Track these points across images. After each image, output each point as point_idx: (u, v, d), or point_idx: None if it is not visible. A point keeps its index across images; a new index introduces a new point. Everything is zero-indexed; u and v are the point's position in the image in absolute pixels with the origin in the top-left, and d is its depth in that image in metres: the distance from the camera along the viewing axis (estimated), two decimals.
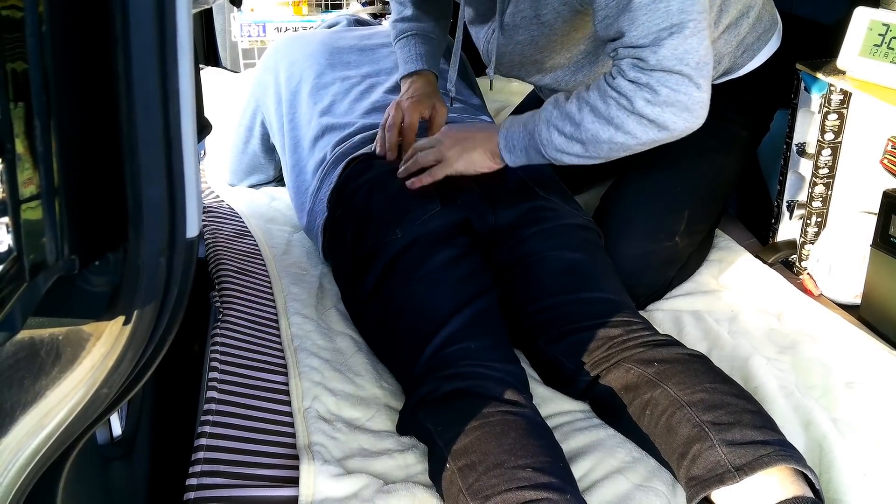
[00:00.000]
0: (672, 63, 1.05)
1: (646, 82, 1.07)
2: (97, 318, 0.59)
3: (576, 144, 1.15)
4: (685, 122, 1.09)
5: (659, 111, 1.08)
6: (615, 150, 1.14)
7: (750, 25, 1.39)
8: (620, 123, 1.10)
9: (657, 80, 1.07)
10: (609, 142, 1.12)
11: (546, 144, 1.17)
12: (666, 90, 1.07)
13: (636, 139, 1.11)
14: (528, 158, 1.21)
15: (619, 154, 1.16)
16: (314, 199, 1.40)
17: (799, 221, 1.51)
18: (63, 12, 0.51)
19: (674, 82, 1.06)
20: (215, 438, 0.99)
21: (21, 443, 0.57)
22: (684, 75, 1.06)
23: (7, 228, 0.49)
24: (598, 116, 1.12)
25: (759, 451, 0.90)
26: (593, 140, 1.13)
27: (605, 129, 1.12)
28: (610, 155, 1.16)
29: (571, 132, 1.14)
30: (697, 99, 1.07)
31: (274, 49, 1.73)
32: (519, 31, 1.32)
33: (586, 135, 1.13)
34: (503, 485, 0.86)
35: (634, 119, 1.09)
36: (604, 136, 1.12)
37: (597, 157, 1.16)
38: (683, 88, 1.06)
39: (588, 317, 1.14)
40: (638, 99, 1.08)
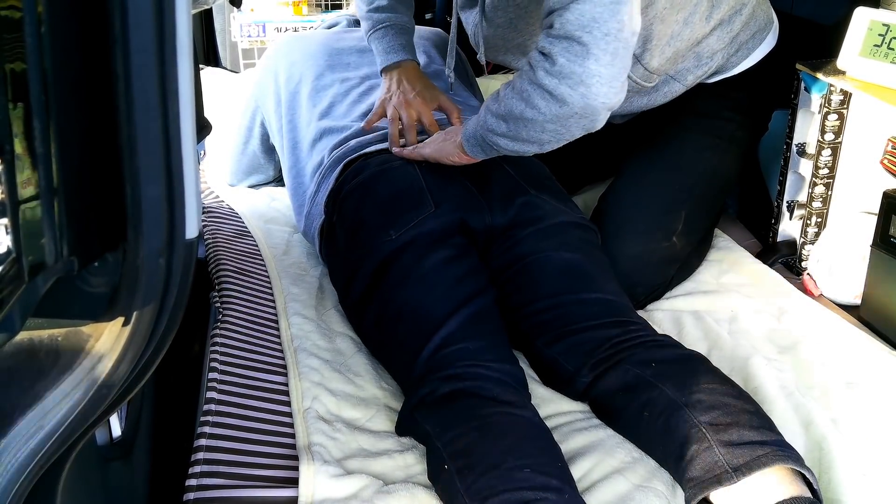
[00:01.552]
0: (573, 29, 1.01)
1: (548, 51, 1.04)
2: (96, 319, 0.59)
3: (501, 122, 1.13)
4: (582, 97, 1.03)
5: (556, 83, 1.04)
6: (531, 129, 1.10)
7: (743, 23, 1.39)
8: (528, 97, 1.08)
9: (559, 49, 1.03)
10: (521, 118, 1.10)
11: (484, 126, 1.17)
12: (562, 60, 1.03)
13: (542, 114, 1.07)
14: (481, 147, 1.21)
15: (542, 137, 1.11)
16: (311, 203, 1.40)
17: (799, 222, 1.51)
18: (62, 13, 0.51)
19: (572, 52, 1.02)
20: (215, 439, 0.99)
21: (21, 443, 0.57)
22: (583, 44, 1.01)
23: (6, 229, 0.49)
24: (514, 90, 1.11)
25: (757, 451, 0.90)
26: (510, 116, 1.11)
27: (517, 103, 1.10)
28: (531, 136, 1.12)
29: (496, 109, 1.14)
30: (594, 72, 1.01)
31: (274, 50, 1.73)
32: (498, 14, 1.34)
33: (505, 110, 1.12)
34: (501, 485, 0.86)
35: (538, 92, 1.06)
36: (516, 110, 1.10)
37: (524, 140, 1.13)
38: (579, 59, 1.01)
39: (586, 317, 1.14)
40: (539, 69, 1.06)
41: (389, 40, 1.49)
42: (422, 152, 1.29)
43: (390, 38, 1.49)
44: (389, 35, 1.49)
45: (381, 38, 1.49)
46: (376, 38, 1.50)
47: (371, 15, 1.51)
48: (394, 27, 1.49)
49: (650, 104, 1.46)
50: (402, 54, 1.48)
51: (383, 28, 1.49)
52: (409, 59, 1.48)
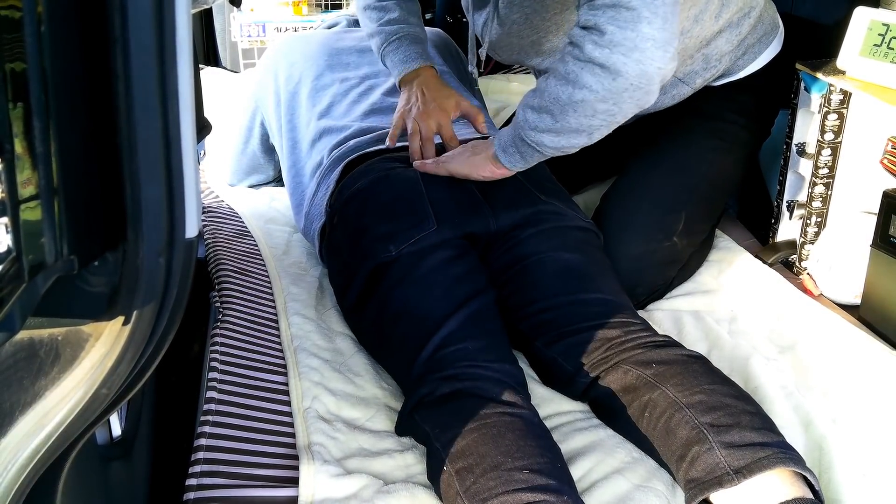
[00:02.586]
0: None
1: (594, 23, 1.02)
2: (96, 319, 0.59)
3: (545, 116, 1.10)
4: (637, 63, 1.00)
5: (608, 53, 1.01)
6: (581, 113, 1.07)
7: (751, 26, 1.39)
8: (575, 78, 1.05)
9: (605, 18, 1.00)
10: (570, 103, 1.06)
11: (524, 126, 1.14)
12: (612, 27, 1.00)
13: (594, 93, 1.04)
14: (521, 153, 1.18)
15: (592, 122, 1.08)
16: (311, 203, 1.40)
17: (799, 221, 1.51)
18: (62, 12, 0.51)
19: (621, 19, 0.99)
20: (215, 439, 0.99)
21: (20, 443, 0.57)
22: (631, 9, 0.98)
23: (6, 229, 0.49)
24: (558, 77, 1.08)
25: (758, 452, 0.89)
26: (556, 104, 1.08)
27: (564, 88, 1.07)
28: (581, 123, 1.08)
29: (538, 103, 1.11)
30: (647, 35, 0.99)
31: (273, 50, 1.73)
32: (514, 9, 1.32)
33: (549, 100, 1.09)
34: (500, 487, 0.86)
35: (588, 68, 1.03)
36: (563, 96, 1.07)
37: (572, 131, 1.10)
38: (630, 25, 0.99)
39: (586, 318, 1.14)
40: (587, 43, 1.03)
41: (405, 50, 1.46)
42: (448, 167, 1.26)
43: (405, 49, 1.46)
44: (404, 45, 1.46)
45: (396, 50, 1.46)
46: (390, 50, 1.47)
47: (382, 29, 1.48)
48: (407, 37, 1.47)
49: (658, 106, 1.46)
50: (419, 61, 1.45)
51: (397, 39, 1.46)
52: (426, 65, 1.46)
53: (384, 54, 1.48)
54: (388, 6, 1.49)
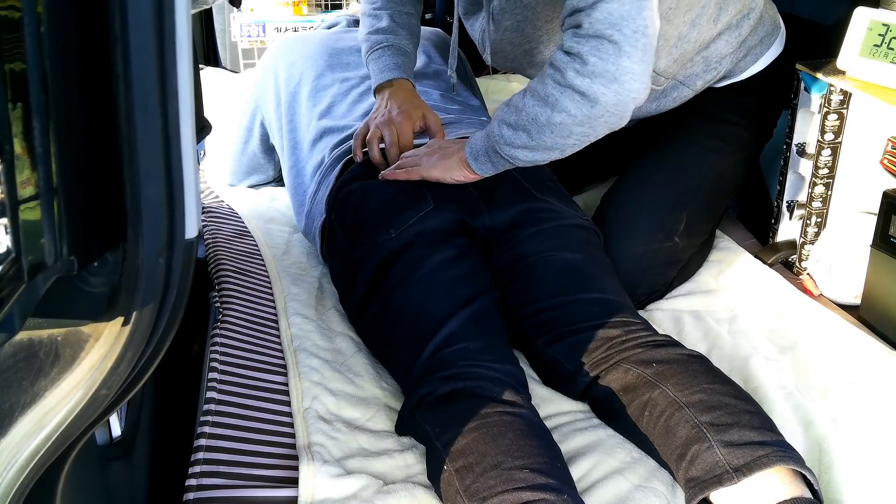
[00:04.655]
0: (603, 27, 1.02)
1: (577, 51, 1.04)
2: (96, 319, 0.59)
3: (521, 134, 1.12)
4: (615, 94, 1.04)
5: (588, 83, 1.04)
6: (557, 134, 1.09)
7: (751, 27, 1.39)
8: (554, 101, 1.07)
9: (588, 48, 1.03)
10: (548, 124, 1.09)
11: (498, 140, 1.15)
12: (594, 59, 1.03)
13: (572, 117, 1.07)
14: (492, 163, 1.19)
15: (567, 141, 1.11)
16: (312, 202, 1.40)
17: (799, 222, 1.51)
18: (61, 12, 0.51)
19: (603, 51, 1.02)
20: (215, 439, 0.99)
21: (20, 443, 0.57)
22: (614, 42, 1.02)
23: (6, 229, 0.49)
24: (536, 98, 1.10)
25: (758, 451, 0.90)
26: (534, 124, 1.10)
27: (543, 110, 1.09)
28: (556, 143, 1.11)
29: (515, 120, 1.12)
30: (626, 69, 1.02)
31: (273, 50, 1.73)
32: (506, 16, 1.32)
33: (527, 119, 1.11)
34: (500, 486, 0.86)
35: (567, 94, 1.06)
36: (542, 118, 1.09)
37: (546, 148, 1.12)
38: (612, 58, 1.02)
39: (587, 317, 1.14)
40: (569, 70, 1.05)
41: (385, 60, 1.46)
42: (420, 172, 1.26)
43: (386, 59, 1.46)
44: (385, 56, 1.47)
45: (377, 59, 1.47)
46: (373, 59, 1.48)
47: (369, 37, 1.50)
48: (391, 48, 1.48)
49: (659, 109, 1.46)
50: (396, 73, 1.45)
51: (380, 48, 1.48)
52: (401, 77, 1.46)
53: (367, 62, 1.50)
54: (380, 15, 1.50)
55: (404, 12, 1.52)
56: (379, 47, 1.48)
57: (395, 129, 1.35)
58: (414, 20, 1.54)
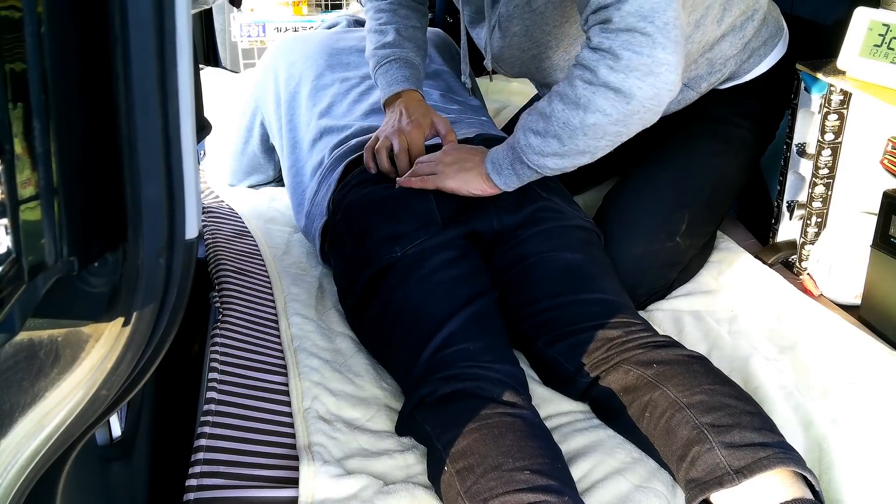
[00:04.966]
0: (635, 20, 1.00)
1: (608, 47, 1.03)
2: (96, 320, 0.59)
3: (551, 141, 1.11)
4: (651, 87, 1.02)
5: (623, 77, 1.02)
6: (591, 136, 1.08)
7: (755, 29, 1.39)
8: (588, 102, 1.06)
9: (620, 43, 1.02)
10: (581, 127, 1.07)
11: (525, 150, 1.14)
12: (628, 53, 1.01)
13: (607, 116, 1.05)
14: (518, 175, 1.18)
15: (599, 143, 1.10)
16: (312, 202, 1.40)
17: (799, 222, 1.51)
18: (62, 13, 0.51)
19: (636, 44, 1.01)
20: (215, 439, 0.99)
21: (20, 444, 0.57)
22: (647, 34, 1.00)
23: (6, 229, 0.49)
24: (566, 101, 1.08)
25: (759, 453, 0.89)
26: (565, 129, 1.09)
27: (575, 113, 1.07)
28: (589, 146, 1.10)
29: (544, 128, 1.11)
30: (662, 60, 1.01)
31: (273, 49, 1.73)
32: (513, 22, 1.32)
33: (558, 125, 1.09)
34: (501, 487, 0.86)
35: (601, 93, 1.04)
36: (574, 121, 1.07)
37: (578, 153, 1.11)
38: (646, 50, 1.00)
39: (587, 318, 1.14)
40: (601, 67, 1.04)
41: (392, 73, 1.45)
42: (436, 182, 1.24)
43: (393, 72, 1.45)
44: (393, 69, 1.45)
45: (385, 73, 1.46)
46: (380, 73, 1.47)
47: (376, 52, 1.48)
48: (398, 61, 1.46)
49: (664, 111, 1.45)
50: (404, 84, 1.44)
51: (388, 63, 1.46)
52: (409, 88, 1.44)
53: (376, 77, 1.49)
54: (385, 30, 1.49)
55: (410, 26, 1.51)
56: (386, 61, 1.47)
57: (405, 137, 1.33)
58: (420, 34, 1.53)
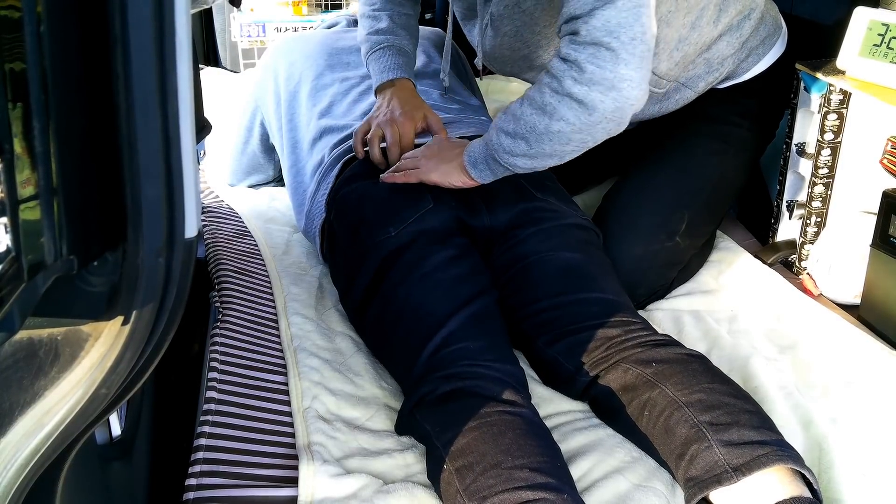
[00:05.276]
0: (601, 35, 1.02)
1: (574, 59, 1.04)
2: (96, 319, 0.59)
3: (520, 142, 1.12)
4: (613, 101, 1.04)
5: (586, 90, 1.04)
6: (556, 142, 1.10)
7: (753, 27, 1.39)
8: (552, 110, 1.07)
9: (585, 56, 1.03)
10: (546, 132, 1.09)
11: (497, 149, 1.15)
12: (591, 67, 1.03)
13: (570, 125, 1.07)
14: (492, 171, 1.19)
15: (566, 149, 1.11)
16: (312, 201, 1.40)
17: (799, 221, 1.51)
18: (62, 12, 0.51)
19: (601, 58, 1.02)
20: (215, 438, 0.99)
21: (20, 443, 0.57)
22: (611, 49, 1.02)
23: (6, 228, 0.49)
24: (534, 106, 1.10)
25: (757, 451, 0.90)
26: (532, 133, 1.10)
27: (541, 118, 1.09)
28: (555, 150, 1.11)
29: (514, 129, 1.12)
30: (624, 76, 1.02)
31: (273, 49, 1.73)
32: (504, 22, 1.32)
33: (525, 128, 1.11)
34: (500, 485, 0.86)
35: (565, 102, 1.06)
36: (540, 126, 1.09)
37: (545, 155, 1.12)
38: (609, 65, 1.02)
39: (587, 317, 1.14)
40: (566, 78, 1.05)
41: (385, 60, 1.46)
42: (418, 175, 1.25)
43: (387, 59, 1.46)
44: (386, 56, 1.47)
45: (377, 60, 1.47)
46: (373, 59, 1.48)
47: (369, 38, 1.50)
48: (391, 48, 1.47)
49: (662, 111, 1.46)
50: (397, 72, 1.45)
51: (381, 49, 1.47)
52: (403, 77, 1.46)
53: (367, 62, 1.50)
54: (379, 16, 1.50)
55: (403, 13, 1.52)
56: (379, 48, 1.48)
57: (398, 129, 1.35)
58: (413, 21, 1.54)
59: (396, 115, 1.37)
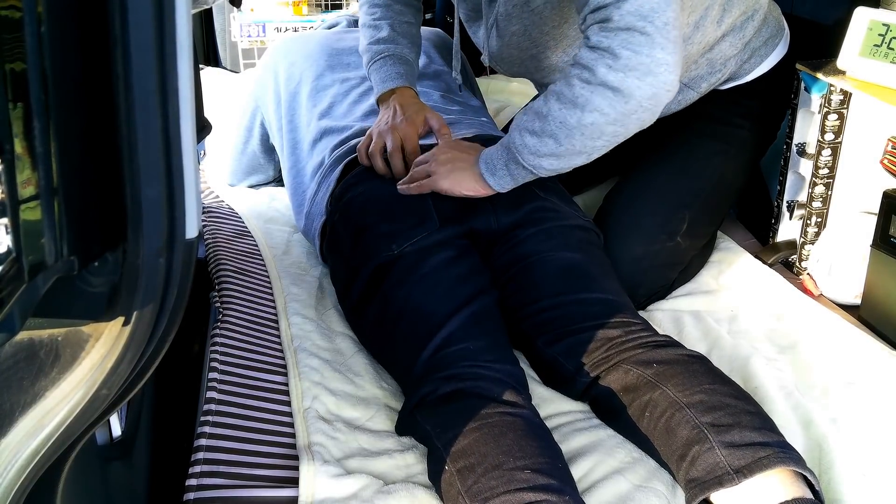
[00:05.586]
0: (634, 20, 1.00)
1: (607, 46, 1.03)
2: (96, 319, 0.59)
3: (548, 140, 1.10)
4: (650, 86, 1.02)
5: (622, 77, 1.02)
6: (588, 136, 1.08)
7: (756, 28, 1.39)
8: (585, 102, 1.06)
9: (619, 42, 1.02)
10: (579, 126, 1.07)
11: (521, 150, 1.14)
12: (627, 52, 1.01)
13: (604, 116, 1.05)
14: (512, 176, 1.18)
15: (596, 143, 1.09)
16: (312, 202, 1.40)
17: (799, 222, 1.51)
18: (62, 12, 0.51)
19: (636, 43, 1.01)
20: (215, 439, 0.99)
21: (21, 443, 0.57)
22: (646, 34, 1.00)
23: (6, 229, 0.49)
24: (563, 101, 1.08)
25: (759, 452, 0.90)
26: (562, 128, 1.08)
27: (572, 112, 1.07)
28: (585, 146, 1.10)
29: (540, 127, 1.11)
30: (661, 60, 1.01)
31: (273, 49, 1.73)
32: (512, 22, 1.32)
33: (554, 125, 1.09)
34: (502, 486, 0.86)
35: (598, 92, 1.04)
36: (572, 120, 1.07)
37: (575, 153, 1.11)
38: (646, 50, 1.01)
39: (587, 317, 1.14)
40: (599, 66, 1.03)
41: (387, 70, 1.46)
42: (431, 185, 1.24)
43: (387, 68, 1.46)
44: (387, 65, 1.46)
45: (379, 69, 1.47)
46: (374, 69, 1.48)
47: (371, 47, 1.49)
48: (392, 57, 1.47)
49: (664, 112, 1.45)
50: (398, 81, 1.44)
51: (382, 58, 1.47)
52: (404, 85, 1.45)
53: (369, 72, 1.49)
54: (380, 26, 1.49)
55: (404, 21, 1.51)
56: (381, 57, 1.47)
57: (399, 135, 1.34)
58: (415, 29, 1.54)
59: (398, 121, 1.36)
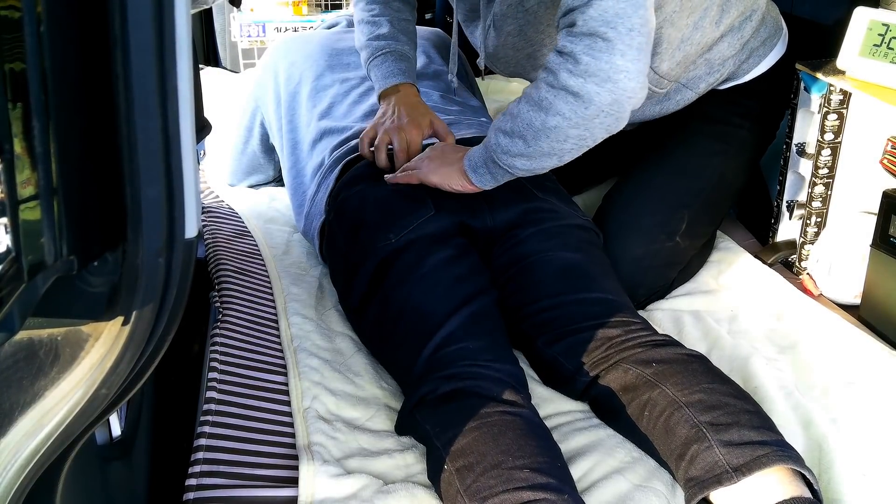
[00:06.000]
0: (598, 25, 1.01)
1: (570, 51, 1.03)
2: (96, 319, 0.59)
3: (518, 141, 1.11)
4: (609, 93, 1.02)
5: (581, 82, 1.03)
6: (553, 139, 1.08)
7: (754, 29, 1.39)
8: (549, 105, 1.06)
9: (581, 47, 1.02)
10: (543, 129, 1.08)
11: (496, 150, 1.15)
12: (587, 58, 1.02)
13: (567, 119, 1.06)
14: (492, 174, 1.18)
15: (564, 146, 1.10)
16: (311, 203, 1.40)
17: (799, 221, 1.51)
18: (61, 12, 0.51)
19: (597, 49, 1.01)
20: (215, 438, 0.99)
21: (20, 443, 0.57)
22: (608, 40, 1.00)
23: (6, 229, 0.49)
24: (531, 103, 1.09)
25: (757, 451, 0.90)
26: (529, 130, 1.09)
27: (537, 114, 1.08)
28: (553, 148, 1.10)
29: (511, 127, 1.12)
30: (620, 67, 1.01)
31: (273, 49, 1.73)
32: (507, 21, 1.32)
33: (522, 126, 1.10)
34: (501, 486, 0.86)
35: (560, 96, 1.05)
36: (536, 122, 1.08)
37: (543, 154, 1.11)
38: (605, 56, 1.01)
39: (587, 317, 1.14)
40: (561, 71, 1.04)
41: (388, 66, 1.45)
42: (419, 176, 1.25)
43: (389, 64, 1.45)
44: (388, 61, 1.46)
45: (380, 65, 1.46)
46: (375, 64, 1.47)
47: (370, 43, 1.48)
48: (393, 53, 1.47)
49: (662, 112, 1.46)
50: (400, 78, 1.44)
51: (382, 55, 1.47)
52: (406, 82, 1.45)
53: (369, 68, 1.49)
54: (379, 21, 1.49)
55: (402, 19, 1.51)
56: (381, 53, 1.47)
57: (405, 136, 1.34)
58: (412, 27, 1.54)
59: (404, 122, 1.36)
